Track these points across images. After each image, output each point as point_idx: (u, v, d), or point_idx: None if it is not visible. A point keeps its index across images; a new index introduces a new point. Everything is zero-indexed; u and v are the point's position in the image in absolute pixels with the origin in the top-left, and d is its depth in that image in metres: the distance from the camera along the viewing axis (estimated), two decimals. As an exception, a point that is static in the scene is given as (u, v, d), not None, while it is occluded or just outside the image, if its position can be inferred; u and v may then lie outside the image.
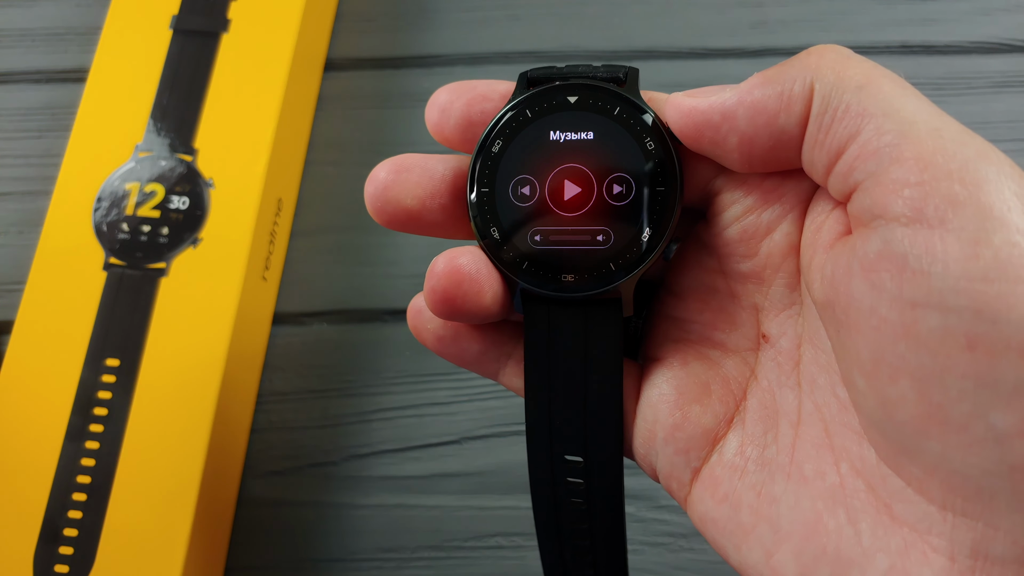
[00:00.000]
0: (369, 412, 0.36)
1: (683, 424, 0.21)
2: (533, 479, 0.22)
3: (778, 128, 0.19)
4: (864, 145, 0.18)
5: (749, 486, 0.20)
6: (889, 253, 0.17)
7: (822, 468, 0.20)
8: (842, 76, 0.18)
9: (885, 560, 0.18)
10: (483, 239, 0.21)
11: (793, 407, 0.21)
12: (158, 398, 0.32)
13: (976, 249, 0.16)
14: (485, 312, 0.21)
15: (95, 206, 0.34)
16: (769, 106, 0.19)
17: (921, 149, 0.17)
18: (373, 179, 0.22)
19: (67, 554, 0.30)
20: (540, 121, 0.21)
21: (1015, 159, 0.17)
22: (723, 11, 0.42)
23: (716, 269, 0.22)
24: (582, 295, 0.21)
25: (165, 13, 0.37)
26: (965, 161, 0.17)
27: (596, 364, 0.22)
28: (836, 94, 0.18)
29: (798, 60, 0.19)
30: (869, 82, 0.18)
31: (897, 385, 0.17)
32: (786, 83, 0.19)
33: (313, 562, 0.33)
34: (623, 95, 0.21)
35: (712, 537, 0.21)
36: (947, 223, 0.16)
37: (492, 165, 0.21)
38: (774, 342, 0.21)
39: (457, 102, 0.22)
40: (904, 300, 0.17)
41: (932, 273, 0.16)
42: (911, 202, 0.17)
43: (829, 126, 0.18)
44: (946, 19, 0.41)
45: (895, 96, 0.18)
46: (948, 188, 0.16)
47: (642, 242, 0.21)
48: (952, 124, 0.17)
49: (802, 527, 0.19)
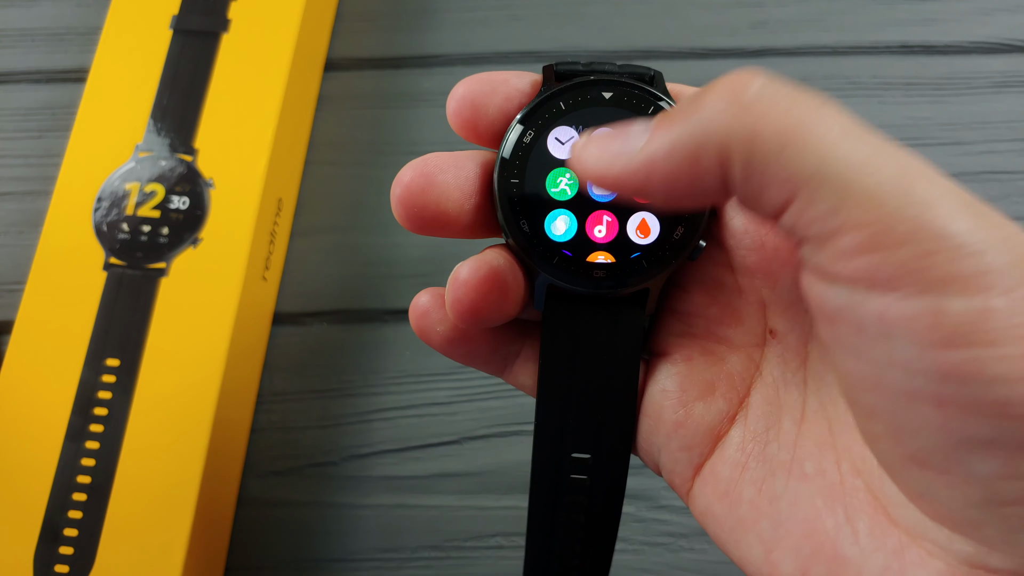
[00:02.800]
0: (369, 412, 0.36)
1: (686, 421, 0.21)
2: (536, 472, 0.22)
3: (701, 190, 0.17)
4: (800, 215, 0.16)
5: (750, 482, 0.20)
6: (848, 315, 0.16)
7: (823, 466, 0.20)
8: (757, 138, 0.16)
9: (881, 560, 0.18)
10: (512, 233, 0.21)
11: (798, 404, 0.21)
12: (158, 398, 0.32)
13: (936, 318, 0.15)
14: (507, 316, 0.21)
15: (95, 206, 0.34)
16: (682, 177, 0.17)
17: (862, 215, 0.15)
18: (403, 183, 0.20)
19: (67, 554, 0.30)
20: (574, 114, 0.21)
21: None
22: (723, 11, 0.42)
23: (724, 263, 0.22)
24: (614, 292, 0.21)
25: (165, 13, 0.37)
26: (915, 220, 0.15)
27: (615, 361, 0.21)
28: (757, 162, 0.16)
29: (704, 111, 0.16)
30: (790, 140, 0.16)
31: (874, 427, 0.17)
32: (695, 148, 0.16)
33: (313, 562, 0.33)
34: (657, 94, 0.21)
35: (713, 532, 0.21)
36: (902, 288, 0.15)
37: (523, 156, 0.21)
38: (781, 338, 0.21)
39: (477, 94, 0.21)
40: (868, 358, 0.16)
41: (893, 338, 0.16)
42: (862, 271, 0.16)
43: (757, 195, 0.17)
44: (946, 19, 0.41)
45: (823, 149, 0.15)
46: (898, 255, 0.15)
47: (674, 239, 0.21)
48: (888, 166, 0.15)
49: (801, 524, 0.19)
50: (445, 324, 0.22)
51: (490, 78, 0.21)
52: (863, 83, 0.40)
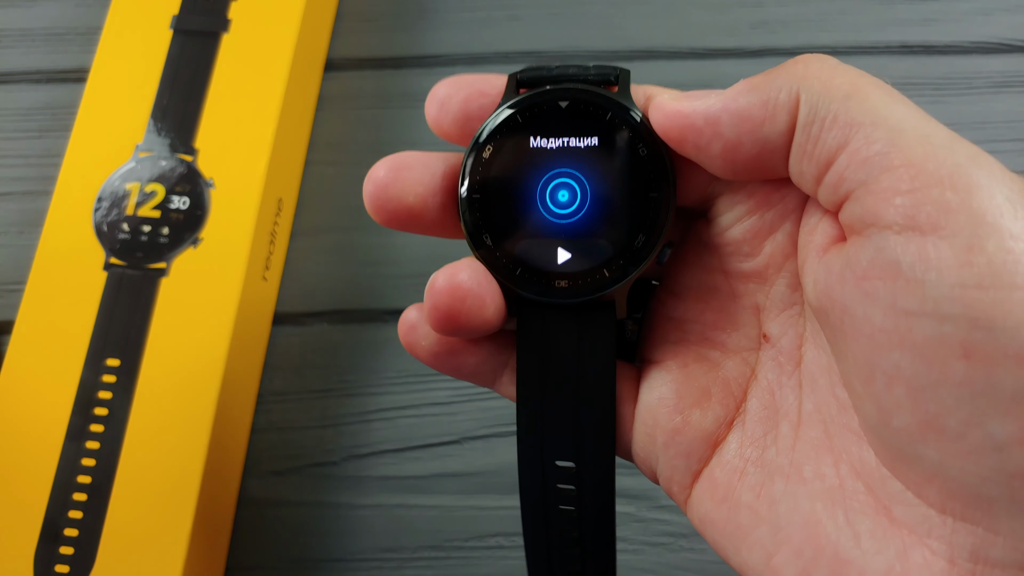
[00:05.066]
0: (369, 412, 0.36)
1: (683, 428, 0.21)
2: (523, 484, 0.22)
3: (763, 137, 0.19)
4: (853, 155, 0.18)
5: (748, 487, 0.20)
6: (882, 261, 0.17)
7: (821, 469, 0.20)
8: (829, 86, 0.18)
9: (883, 562, 0.18)
10: (476, 247, 0.21)
11: (793, 408, 0.21)
12: (158, 398, 0.32)
13: (970, 256, 0.16)
14: (487, 326, 0.21)
15: (95, 206, 0.34)
16: (754, 114, 0.19)
17: (911, 156, 0.17)
18: (372, 177, 0.21)
19: (67, 554, 0.30)
20: (531, 126, 0.21)
21: (1015, 159, 0.18)
22: (723, 11, 0.42)
23: (717, 268, 0.22)
24: (575, 301, 0.21)
25: (165, 13, 0.37)
26: (956, 167, 0.17)
27: (589, 368, 0.21)
28: (823, 104, 0.18)
29: (784, 68, 0.19)
30: (856, 91, 0.18)
31: (893, 393, 0.17)
32: (772, 91, 0.19)
33: (313, 562, 0.33)
34: (614, 99, 0.21)
35: (712, 539, 0.21)
36: (940, 230, 0.16)
37: (483, 171, 0.21)
38: (775, 342, 0.21)
39: (456, 96, 0.22)
40: (898, 309, 0.17)
41: (926, 281, 0.16)
42: (903, 209, 0.17)
43: (817, 136, 0.18)
44: (946, 19, 0.41)
45: (883, 104, 0.18)
46: (940, 195, 0.16)
47: (635, 248, 0.21)
48: (941, 130, 0.17)
49: (801, 528, 0.19)
50: (430, 337, 0.22)
51: (458, 80, 0.22)
52: (863, 83, 0.40)
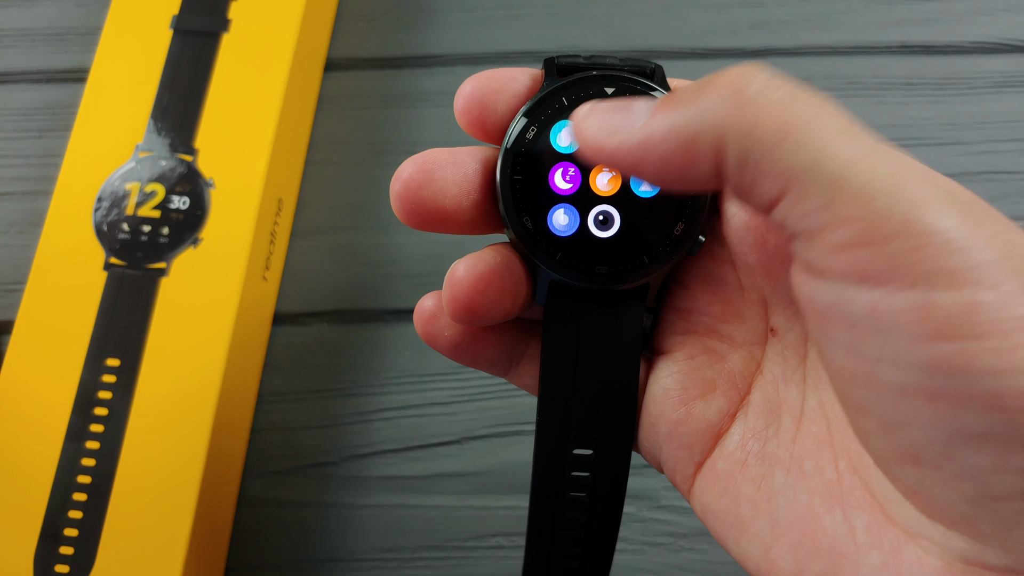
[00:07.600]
0: (369, 412, 0.36)
1: (687, 420, 0.21)
2: (538, 469, 0.22)
3: (692, 176, 0.17)
4: (791, 207, 0.16)
5: (749, 479, 0.21)
6: (838, 311, 0.16)
7: (821, 464, 0.20)
8: (754, 130, 0.16)
9: (878, 557, 0.18)
10: (515, 230, 0.21)
11: (797, 402, 0.21)
12: (158, 398, 0.32)
13: (925, 311, 0.15)
14: (506, 315, 0.21)
15: (95, 206, 0.34)
16: (676, 161, 0.17)
17: (852, 211, 0.16)
18: (401, 179, 0.20)
19: (67, 554, 0.30)
20: None
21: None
22: (723, 11, 0.42)
23: (726, 260, 0.22)
24: (617, 287, 0.21)
25: (165, 13, 0.37)
26: (902, 216, 0.15)
27: (617, 356, 0.21)
28: (752, 154, 0.16)
29: (703, 102, 0.17)
30: (785, 136, 0.16)
31: (865, 423, 0.17)
32: (692, 135, 0.17)
33: (313, 562, 0.33)
34: (658, 89, 0.21)
35: (714, 528, 0.21)
36: (892, 282, 0.15)
37: (526, 153, 0.21)
38: (782, 336, 0.21)
39: (484, 91, 0.21)
40: (859, 354, 0.16)
41: (883, 331, 0.16)
42: (852, 265, 0.16)
43: (751, 185, 0.17)
44: (946, 19, 0.41)
45: (816, 147, 0.16)
46: (888, 249, 0.15)
47: (675, 235, 0.21)
48: (880, 164, 0.16)
49: (799, 521, 0.19)
50: (453, 328, 0.22)
51: (498, 75, 0.21)
52: (863, 83, 0.40)
